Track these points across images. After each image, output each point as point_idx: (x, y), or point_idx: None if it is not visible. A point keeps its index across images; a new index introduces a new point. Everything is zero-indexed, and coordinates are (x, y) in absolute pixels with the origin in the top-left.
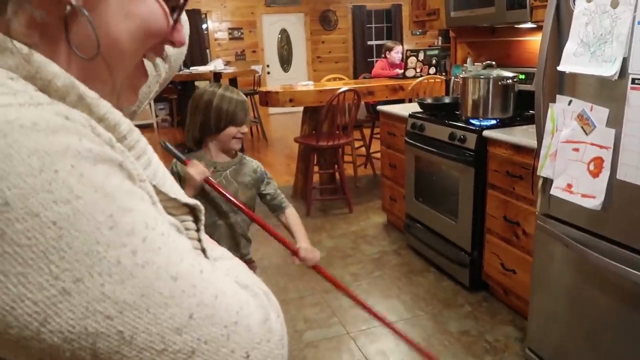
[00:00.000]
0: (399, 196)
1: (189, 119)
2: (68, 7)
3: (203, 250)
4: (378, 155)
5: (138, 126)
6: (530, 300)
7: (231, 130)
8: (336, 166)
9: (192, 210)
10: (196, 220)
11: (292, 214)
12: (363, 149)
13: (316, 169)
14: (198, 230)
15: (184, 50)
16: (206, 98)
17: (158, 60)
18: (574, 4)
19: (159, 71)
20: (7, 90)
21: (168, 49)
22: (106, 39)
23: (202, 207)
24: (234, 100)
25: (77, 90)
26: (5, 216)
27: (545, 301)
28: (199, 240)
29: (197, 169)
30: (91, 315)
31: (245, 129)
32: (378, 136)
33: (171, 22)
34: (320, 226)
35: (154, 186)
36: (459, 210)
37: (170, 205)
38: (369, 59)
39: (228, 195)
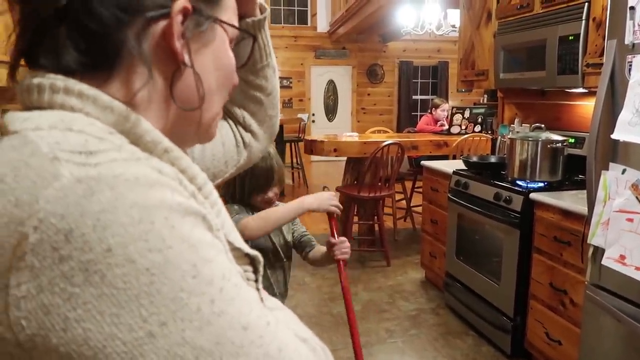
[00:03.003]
0: (439, 253)
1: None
2: (182, 66)
3: (261, 300)
4: (418, 209)
5: None
6: None
7: (255, 198)
8: (376, 218)
9: (252, 261)
10: (255, 271)
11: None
12: (403, 202)
13: (355, 219)
14: (257, 280)
15: (265, 146)
16: None
17: (240, 146)
18: (629, 74)
19: (240, 156)
20: (112, 146)
21: (257, 144)
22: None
23: (261, 259)
24: (259, 167)
25: (163, 145)
26: (107, 261)
27: None
28: (257, 290)
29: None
30: (171, 359)
31: (270, 194)
32: (419, 190)
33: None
34: (356, 278)
35: (224, 234)
36: (502, 272)
37: (235, 254)
38: (413, 113)
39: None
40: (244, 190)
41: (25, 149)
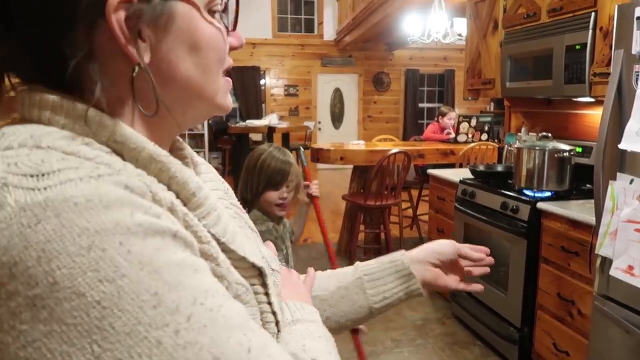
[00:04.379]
0: None
1: (240, 178)
2: (136, 69)
3: (274, 313)
4: (425, 217)
5: None
6: None
7: (270, 195)
8: (382, 226)
9: (260, 273)
10: (263, 284)
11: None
12: (410, 210)
13: (362, 227)
14: (267, 294)
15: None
16: (255, 156)
17: None
18: (637, 84)
19: None
20: (72, 164)
21: None
22: (178, 81)
23: (267, 272)
24: (276, 160)
25: (148, 151)
26: (55, 295)
27: None
28: (269, 303)
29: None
30: None
31: (285, 193)
32: (425, 198)
33: (227, 36)
34: None
35: (223, 243)
36: (509, 282)
37: (240, 265)
38: (419, 121)
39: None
40: (258, 185)
41: None
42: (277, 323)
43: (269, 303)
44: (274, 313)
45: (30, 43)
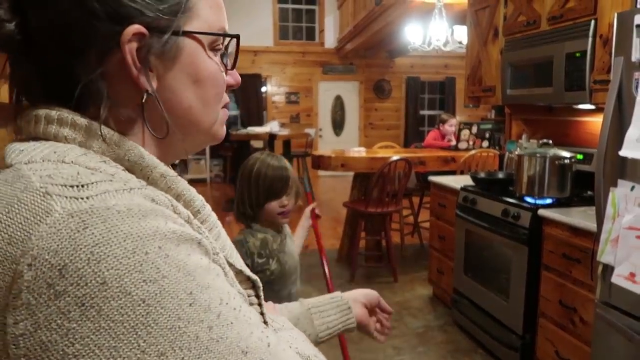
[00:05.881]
0: (447, 269)
1: (237, 193)
2: (145, 95)
3: (265, 323)
4: (426, 224)
5: (192, 180)
6: None
7: (272, 205)
8: (383, 233)
9: (253, 285)
10: (257, 295)
11: None
12: (411, 217)
13: (363, 234)
14: (260, 305)
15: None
16: (248, 167)
17: None
18: (637, 91)
19: None
20: (104, 177)
21: None
22: (180, 109)
23: (260, 284)
24: (272, 168)
25: (159, 170)
26: (103, 294)
27: None
28: (262, 313)
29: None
30: None
31: (285, 201)
32: (427, 205)
33: (226, 73)
34: None
35: (224, 257)
36: (511, 289)
37: (238, 278)
38: (420, 128)
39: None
40: (258, 194)
41: (18, 183)
42: None
43: (262, 313)
44: (265, 323)
45: (46, 65)
